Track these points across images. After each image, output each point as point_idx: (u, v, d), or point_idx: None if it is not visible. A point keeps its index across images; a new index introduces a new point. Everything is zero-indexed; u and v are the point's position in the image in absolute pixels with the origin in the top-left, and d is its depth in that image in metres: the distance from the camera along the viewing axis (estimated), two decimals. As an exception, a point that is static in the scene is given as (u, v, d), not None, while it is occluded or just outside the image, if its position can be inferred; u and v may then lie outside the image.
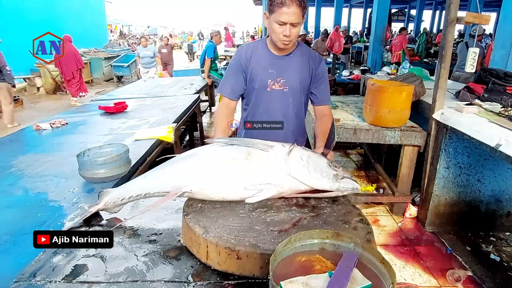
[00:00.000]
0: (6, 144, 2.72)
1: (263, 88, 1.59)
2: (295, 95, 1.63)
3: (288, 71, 1.58)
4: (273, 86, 1.59)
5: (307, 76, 1.62)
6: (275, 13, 1.39)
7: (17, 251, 1.36)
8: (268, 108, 1.64)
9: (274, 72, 1.57)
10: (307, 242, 0.87)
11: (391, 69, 4.94)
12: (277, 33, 1.43)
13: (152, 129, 2.85)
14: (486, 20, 2.43)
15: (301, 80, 1.61)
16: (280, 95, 1.61)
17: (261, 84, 1.59)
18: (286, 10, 1.36)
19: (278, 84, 1.59)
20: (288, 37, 1.42)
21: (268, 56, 1.57)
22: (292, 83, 1.60)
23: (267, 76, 1.57)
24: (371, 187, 3.49)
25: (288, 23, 1.38)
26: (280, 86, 1.59)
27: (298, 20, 1.39)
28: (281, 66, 1.57)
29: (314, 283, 0.75)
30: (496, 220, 2.72)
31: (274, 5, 1.38)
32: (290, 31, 1.40)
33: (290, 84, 1.59)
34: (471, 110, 2.41)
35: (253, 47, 1.60)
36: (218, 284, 0.95)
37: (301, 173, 1.18)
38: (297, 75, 1.59)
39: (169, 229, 1.23)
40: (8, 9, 9.48)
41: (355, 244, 0.85)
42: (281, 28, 1.40)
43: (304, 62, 1.59)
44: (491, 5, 15.58)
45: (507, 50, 3.80)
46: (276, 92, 1.60)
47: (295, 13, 1.37)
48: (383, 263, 0.79)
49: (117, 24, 26.55)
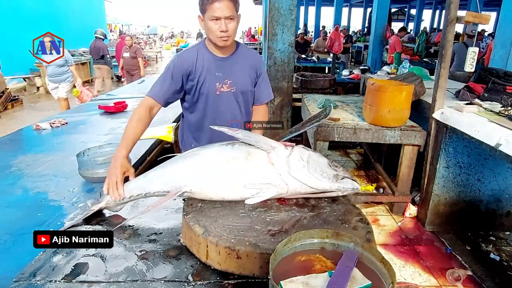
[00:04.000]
0: (6, 144, 2.72)
1: (212, 93, 1.56)
2: (244, 95, 1.63)
3: (235, 72, 1.57)
4: (222, 89, 1.57)
5: (252, 77, 1.63)
6: (207, 11, 1.38)
7: (17, 250, 1.36)
8: (218, 111, 1.61)
9: (221, 74, 1.55)
10: (307, 242, 0.88)
11: (391, 69, 4.93)
12: (213, 31, 1.41)
13: (152, 128, 2.84)
14: (486, 20, 2.43)
15: (247, 80, 1.62)
16: (230, 97, 1.60)
17: (210, 88, 1.56)
18: (218, 5, 1.35)
19: (226, 86, 1.57)
20: (226, 32, 1.40)
21: (211, 59, 1.54)
22: (240, 84, 1.59)
23: (214, 79, 1.55)
24: (371, 186, 3.49)
25: (222, 17, 1.37)
26: (228, 88, 1.57)
27: (232, 13, 1.38)
28: (226, 67, 1.56)
29: (314, 282, 0.75)
30: (496, 219, 2.72)
31: (205, 3, 1.38)
32: (226, 25, 1.39)
33: (237, 84, 1.59)
34: (471, 110, 2.41)
35: (194, 52, 1.54)
36: (218, 284, 0.95)
37: (302, 173, 1.18)
38: (244, 75, 1.60)
39: (169, 229, 1.23)
40: (8, 9, 9.46)
41: (355, 244, 0.86)
42: (216, 24, 1.39)
43: (248, 63, 1.60)
44: (491, 5, 15.57)
45: (507, 50, 3.80)
46: (225, 94, 1.58)
47: (227, 7, 1.36)
48: (383, 263, 0.79)
49: (117, 24, 26.52)
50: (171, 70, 1.52)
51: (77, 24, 12.77)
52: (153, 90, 1.53)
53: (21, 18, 9.71)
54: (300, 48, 8.74)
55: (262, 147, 1.23)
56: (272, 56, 4.23)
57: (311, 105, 3.35)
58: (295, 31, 4.34)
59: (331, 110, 1.51)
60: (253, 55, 1.66)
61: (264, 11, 4.90)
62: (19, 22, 9.54)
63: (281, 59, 4.24)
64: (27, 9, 10.08)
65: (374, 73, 5.07)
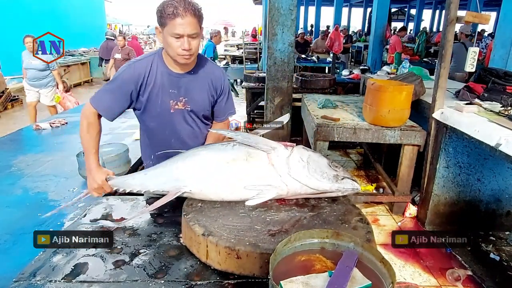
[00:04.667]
0: (6, 144, 2.72)
1: (166, 110, 1.45)
2: (199, 114, 1.52)
3: (191, 90, 1.45)
4: (176, 106, 1.45)
5: (210, 95, 1.51)
6: (168, 25, 1.25)
7: (17, 250, 1.37)
8: (174, 129, 1.50)
9: (176, 91, 1.43)
10: (307, 242, 0.88)
11: (391, 69, 4.93)
12: (174, 48, 1.27)
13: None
14: (486, 20, 2.43)
15: (205, 99, 1.50)
16: (185, 114, 1.48)
17: (163, 106, 1.43)
18: (180, 21, 1.22)
19: (181, 104, 1.45)
20: (189, 50, 1.28)
21: (166, 75, 1.41)
22: (195, 103, 1.48)
23: (168, 96, 1.42)
24: (371, 186, 3.49)
25: (184, 35, 1.25)
26: (183, 106, 1.46)
27: (195, 31, 1.27)
28: (182, 85, 1.43)
29: (314, 282, 0.75)
30: (496, 219, 2.72)
31: (166, 17, 1.24)
32: (189, 43, 1.27)
33: (192, 104, 1.47)
34: (471, 110, 2.41)
35: (147, 65, 1.40)
36: (218, 284, 0.95)
37: (302, 174, 1.18)
38: (201, 94, 1.48)
39: (169, 229, 1.23)
40: (8, 9, 9.47)
41: (355, 244, 0.86)
42: (178, 41, 1.26)
43: (207, 80, 1.48)
44: (491, 5, 15.56)
45: (507, 50, 3.80)
46: (180, 112, 1.47)
47: (190, 24, 1.24)
48: (383, 263, 0.79)
49: (116, 24, 26.51)
50: (119, 84, 1.38)
51: (77, 24, 12.78)
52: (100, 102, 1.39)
53: (21, 18, 9.71)
54: (300, 48, 8.74)
55: (262, 148, 1.22)
56: (272, 56, 4.23)
57: (311, 105, 3.35)
58: (295, 31, 4.34)
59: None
60: (214, 70, 1.51)
61: (264, 11, 4.89)
62: (19, 22, 9.55)
63: (281, 59, 4.24)
64: (27, 9, 10.09)
65: (374, 73, 5.06)
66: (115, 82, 1.39)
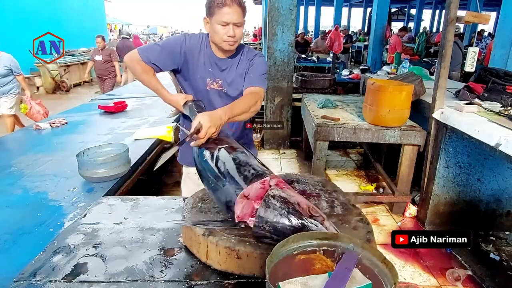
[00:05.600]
0: (6, 144, 2.72)
1: (202, 86, 1.55)
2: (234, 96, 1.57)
3: (228, 76, 1.54)
4: (212, 85, 1.55)
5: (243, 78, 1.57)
6: (216, 14, 1.37)
7: (17, 250, 1.36)
8: (210, 103, 1.57)
9: (213, 72, 1.53)
10: (305, 243, 0.86)
11: (391, 69, 4.94)
12: (220, 34, 1.39)
13: (152, 128, 2.85)
14: (486, 20, 2.43)
15: (239, 85, 1.55)
16: (219, 96, 1.57)
17: (201, 80, 1.54)
18: (228, 10, 1.35)
19: (217, 85, 1.55)
20: (233, 37, 1.39)
21: (209, 55, 1.52)
22: (230, 87, 1.56)
23: (206, 74, 1.53)
24: (371, 186, 3.49)
25: (230, 23, 1.37)
26: (218, 87, 1.55)
27: (240, 20, 1.39)
28: (220, 68, 1.53)
29: (313, 283, 0.75)
30: (496, 219, 2.72)
31: (214, 6, 1.36)
32: (234, 31, 1.38)
33: (228, 87, 1.56)
34: (471, 110, 2.41)
35: (199, 40, 1.52)
36: (218, 284, 0.95)
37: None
38: (237, 79, 1.55)
39: (169, 229, 1.23)
40: (8, 9, 9.46)
41: (354, 245, 0.85)
42: (224, 29, 1.38)
43: (244, 67, 1.55)
44: (491, 4, 15.57)
45: (507, 50, 3.80)
46: (215, 92, 1.56)
47: (236, 12, 1.36)
48: (384, 263, 0.78)
49: (116, 24, 26.51)
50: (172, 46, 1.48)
51: (77, 24, 12.77)
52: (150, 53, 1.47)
53: (21, 18, 9.71)
54: (300, 48, 8.74)
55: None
56: (272, 56, 4.23)
57: (311, 105, 3.35)
58: (295, 31, 4.34)
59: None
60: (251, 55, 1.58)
61: (264, 11, 4.90)
62: (19, 22, 9.55)
63: (281, 59, 4.24)
64: (27, 9, 10.08)
65: (374, 73, 5.07)
66: (167, 42, 1.51)
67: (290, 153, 4.46)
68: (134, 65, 1.49)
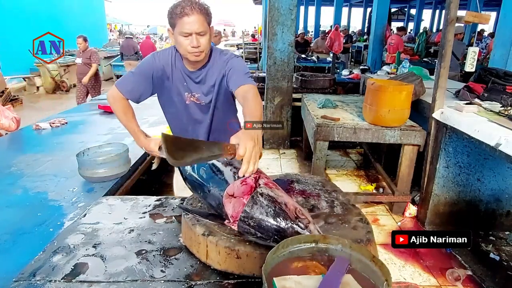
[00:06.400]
0: (6, 143, 2.72)
1: (181, 100, 1.52)
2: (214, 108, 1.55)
3: (203, 86, 1.49)
4: (191, 98, 1.52)
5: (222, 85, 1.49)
6: (177, 25, 1.30)
7: (17, 250, 1.37)
8: (191, 118, 1.57)
9: (188, 85, 1.49)
10: (295, 248, 0.85)
11: (390, 69, 4.94)
12: (184, 46, 1.32)
13: (152, 128, 2.85)
14: (486, 20, 2.43)
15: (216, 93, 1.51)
16: (199, 109, 1.55)
17: (179, 96, 1.51)
18: (188, 19, 1.28)
19: (194, 98, 1.52)
20: (198, 47, 1.32)
21: (181, 68, 1.47)
22: (207, 98, 1.52)
23: (182, 88, 1.50)
24: (371, 186, 3.49)
25: (193, 33, 1.29)
26: (196, 100, 1.52)
27: (202, 29, 1.31)
28: (194, 80, 1.49)
29: (307, 282, 0.75)
30: (496, 219, 2.72)
31: (175, 18, 1.30)
32: (198, 41, 1.31)
33: (205, 99, 1.52)
34: (471, 110, 2.41)
35: (169, 56, 1.47)
36: (218, 284, 0.95)
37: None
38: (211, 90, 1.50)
39: (169, 229, 1.23)
40: (8, 9, 9.46)
41: (342, 246, 0.84)
42: (187, 39, 1.31)
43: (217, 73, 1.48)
44: (491, 4, 15.56)
45: (507, 49, 3.80)
46: (194, 105, 1.53)
47: (198, 21, 1.29)
48: (373, 261, 0.77)
49: (116, 23, 26.51)
50: (143, 70, 1.45)
51: (77, 23, 12.75)
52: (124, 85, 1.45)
53: (21, 18, 9.71)
54: (300, 48, 8.74)
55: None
56: (272, 56, 4.23)
57: (311, 105, 3.35)
58: (295, 31, 4.34)
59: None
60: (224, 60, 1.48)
61: (264, 11, 4.90)
62: (19, 22, 9.54)
63: (281, 59, 4.24)
64: (27, 9, 10.08)
65: (374, 73, 5.07)
66: (139, 68, 1.48)
67: (290, 153, 4.47)
68: (115, 103, 1.47)
